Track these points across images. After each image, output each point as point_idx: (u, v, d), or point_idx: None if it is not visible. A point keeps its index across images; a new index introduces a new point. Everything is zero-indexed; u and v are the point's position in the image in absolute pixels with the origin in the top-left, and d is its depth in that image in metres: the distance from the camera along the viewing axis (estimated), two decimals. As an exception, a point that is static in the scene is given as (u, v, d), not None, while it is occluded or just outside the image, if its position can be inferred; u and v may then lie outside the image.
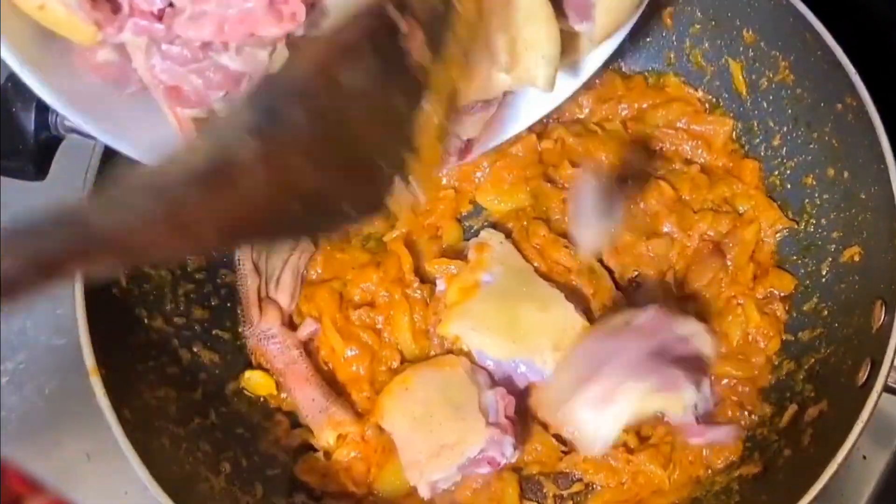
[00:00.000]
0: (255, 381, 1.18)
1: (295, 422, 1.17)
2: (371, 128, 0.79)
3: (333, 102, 0.75)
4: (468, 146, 1.08)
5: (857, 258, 1.11)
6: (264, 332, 1.19)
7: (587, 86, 1.14)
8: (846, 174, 1.12)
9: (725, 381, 1.15)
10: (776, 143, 1.23)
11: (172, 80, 0.88)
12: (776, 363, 1.17)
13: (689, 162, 1.26)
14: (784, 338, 1.17)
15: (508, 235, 1.22)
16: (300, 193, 0.73)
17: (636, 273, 1.21)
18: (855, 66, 1.08)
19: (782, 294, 1.19)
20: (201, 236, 0.67)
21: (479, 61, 0.90)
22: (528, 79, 0.89)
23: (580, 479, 1.15)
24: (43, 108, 1.14)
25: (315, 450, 1.15)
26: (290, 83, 0.73)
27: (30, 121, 1.13)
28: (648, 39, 1.30)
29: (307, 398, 1.15)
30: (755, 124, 1.26)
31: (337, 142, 0.75)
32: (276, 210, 0.72)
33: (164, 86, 0.88)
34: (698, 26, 1.26)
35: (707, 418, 1.10)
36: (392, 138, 0.82)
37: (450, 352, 1.17)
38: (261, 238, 0.77)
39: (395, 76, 0.79)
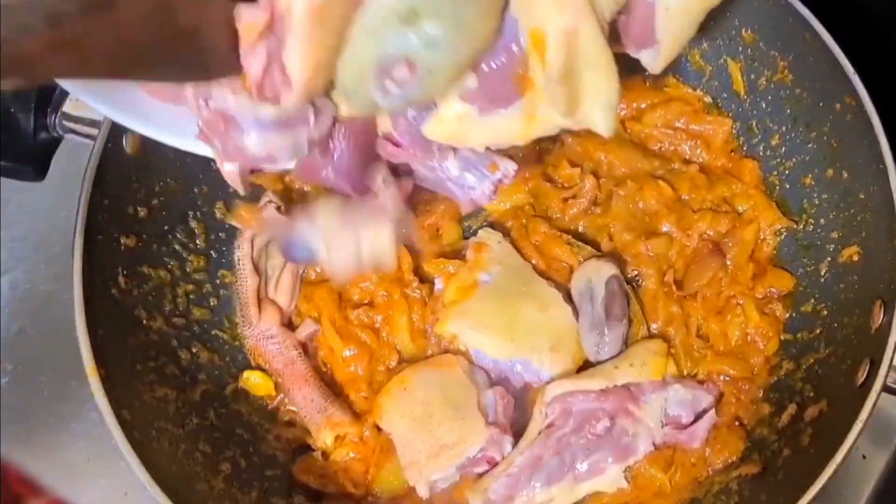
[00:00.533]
0: (253, 382, 1.18)
1: (294, 423, 1.18)
2: None
3: None
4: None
5: (856, 258, 1.10)
6: (263, 333, 1.19)
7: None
8: (845, 174, 1.12)
9: (723, 377, 1.16)
10: (775, 142, 1.23)
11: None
12: (775, 363, 1.17)
13: (688, 162, 1.26)
14: (783, 337, 1.17)
15: (507, 235, 1.22)
16: (176, 26, 0.75)
17: (636, 272, 1.21)
18: (854, 65, 1.08)
19: (781, 294, 1.19)
20: (88, 58, 0.71)
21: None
22: (588, 123, 0.89)
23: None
24: (42, 110, 1.14)
25: (313, 450, 1.15)
26: None
27: (29, 122, 1.14)
28: (647, 39, 1.30)
29: (306, 398, 1.15)
30: (754, 124, 1.26)
31: None
32: (156, 41, 0.74)
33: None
34: (697, 26, 1.26)
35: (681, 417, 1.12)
36: None
37: (447, 351, 1.17)
38: (146, 70, 0.78)
39: None
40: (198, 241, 1.21)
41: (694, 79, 1.30)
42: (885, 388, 0.99)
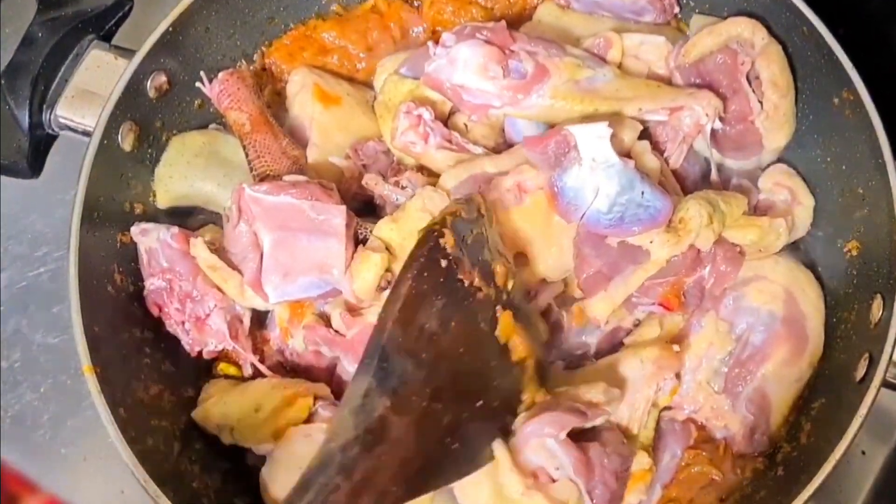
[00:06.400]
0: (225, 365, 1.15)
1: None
2: (468, 350, 0.93)
3: (427, 344, 0.90)
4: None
5: (854, 253, 1.10)
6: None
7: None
8: (844, 168, 1.12)
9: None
10: (774, 137, 1.23)
11: None
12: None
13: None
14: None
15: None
16: (441, 426, 0.90)
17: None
18: (852, 60, 1.07)
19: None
20: (384, 488, 0.83)
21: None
22: None
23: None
24: (37, 107, 1.14)
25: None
26: (387, 344, 0.87)
27: (24, 119, 1.14)
28: (645, 35, 1.30)
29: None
30: (753, 119, 1.25)
31: (447, 373, 0.91)
32: (430, 446, 0.89)
33: None
34: (695, 21, 1.25)
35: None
36: (489, 350, 0.96)
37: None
38: (434, 478, 0.90)
39: (463, 303, 0.94)
40: (194, 239, 1.20)
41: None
42: (885, 384, 0.98)
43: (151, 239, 1.10)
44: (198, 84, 1.16)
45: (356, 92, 1.21)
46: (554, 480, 0.94)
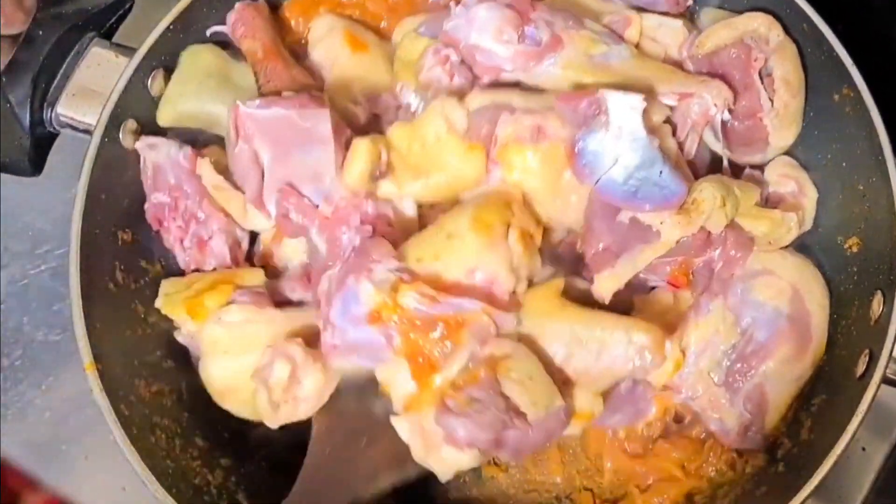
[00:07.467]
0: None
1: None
2: None
3: None
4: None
5: (855, 249, 1.10)
6: None
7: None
8: (844, 165, 1.12)
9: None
10: (774, 134, 1.23)
11: None
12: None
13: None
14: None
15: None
16: None
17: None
18: (852, 57, 1.07)
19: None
20: None
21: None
22: None
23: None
24: (38, 104, 1.14)
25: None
26: None
27: (25, 117, 1.14)
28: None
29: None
30: (753, 116, 1.25)
31: None
32: None
33: None
34: (695, 17, 1.25)
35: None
36: None
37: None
38: None
39: None
40: (195, 236, 1.20)
41: (692, 71, 1.29)
42: (885, 380, 0.98)
43: (161, 154, 1.10)
44: (212, 29, 1.17)
45: (382, 44, 1.19)
46: None
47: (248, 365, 1.01)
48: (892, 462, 1.21)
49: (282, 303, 1.08)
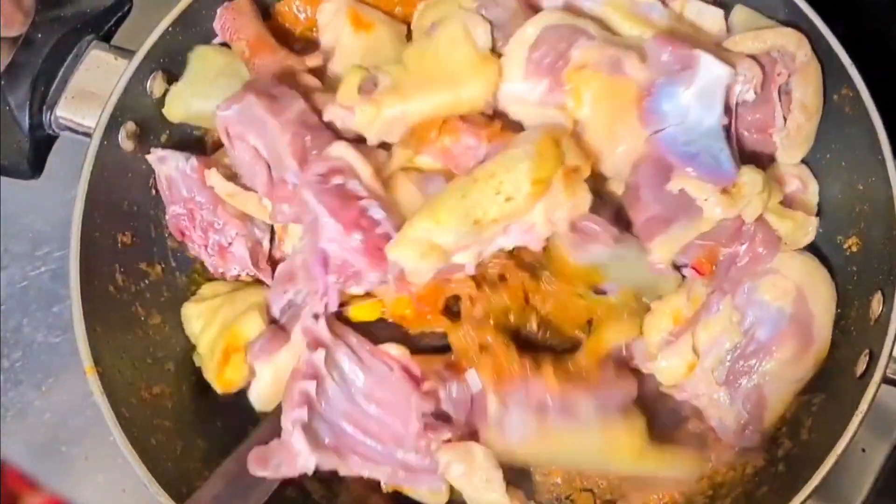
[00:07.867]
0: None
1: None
2: None
3: None
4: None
5: (854, 249, 1.10)
6: None
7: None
8: (844, 165, 1.12)
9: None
10: (773, 134, 1.23)
11: None
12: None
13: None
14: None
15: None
16: None
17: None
18: (851, 56, 1.07)
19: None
20: None
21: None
22: None
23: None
24: (37, 107, 1.14)
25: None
26: None
27: (24, 119, 1.14)
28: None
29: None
30: (752, 116, 1.25)
31: None
32: None
33: None
34: (693, 17, 1.25)
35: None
36: None
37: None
38: None
39: None
40: (195, 238, 1.20)
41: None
42: (885, 380, 0.98)
43: (170, 167, 1.10)
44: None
45: (391, 23, 1.17)
46: None
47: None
48: (892, 462, 1.21)
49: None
